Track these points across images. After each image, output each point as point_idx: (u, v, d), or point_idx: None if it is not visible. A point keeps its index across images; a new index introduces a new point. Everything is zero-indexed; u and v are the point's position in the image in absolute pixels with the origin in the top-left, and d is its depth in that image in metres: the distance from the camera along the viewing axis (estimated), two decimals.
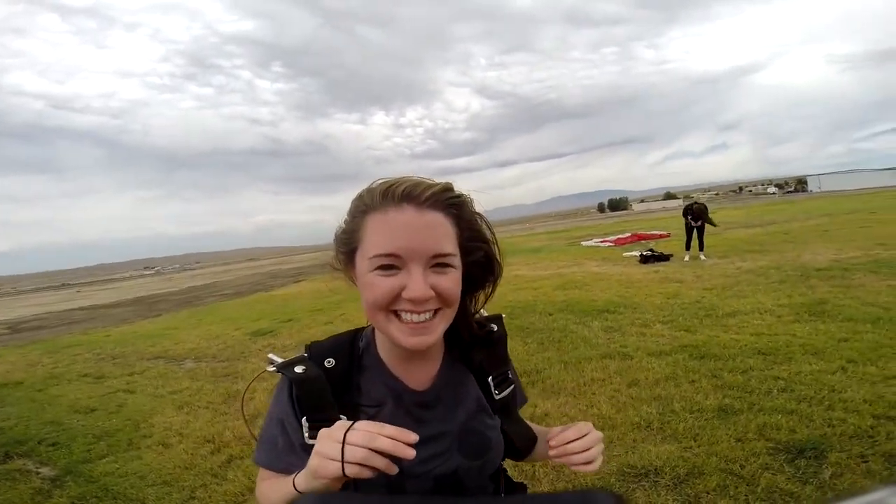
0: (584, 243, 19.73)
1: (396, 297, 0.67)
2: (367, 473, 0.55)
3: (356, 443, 0.55)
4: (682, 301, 6.78)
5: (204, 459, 3.62)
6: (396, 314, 0.69)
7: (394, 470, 0.56)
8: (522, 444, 0.88)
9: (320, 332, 7.85)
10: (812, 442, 2.72)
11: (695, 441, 2.94)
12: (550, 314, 6.80)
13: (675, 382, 3.88)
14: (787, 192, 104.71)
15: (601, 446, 0.77)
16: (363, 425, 0.57)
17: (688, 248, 11.28)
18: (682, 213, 11.72)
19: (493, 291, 0.83)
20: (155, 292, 28.53)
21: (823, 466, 2.52)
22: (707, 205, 11.35)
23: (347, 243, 0.74)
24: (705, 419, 3.19)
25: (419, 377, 0.80)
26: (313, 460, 0.58)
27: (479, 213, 0.77)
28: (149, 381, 6.26)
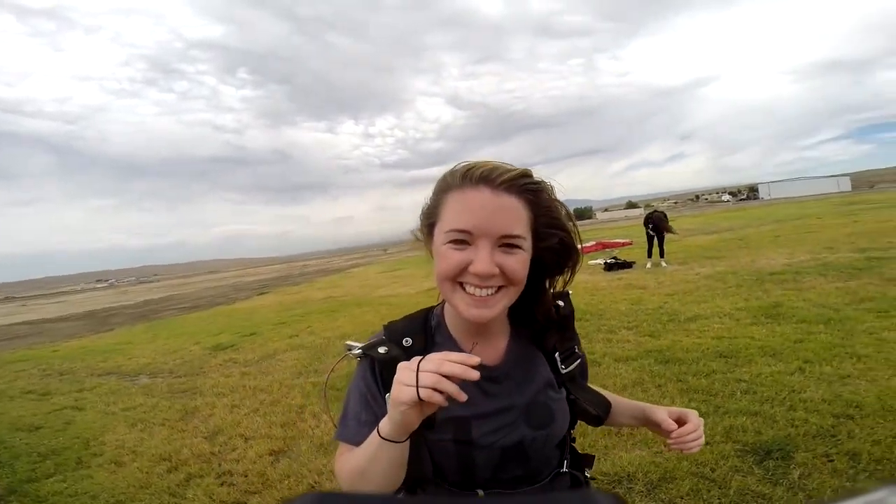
0: None
1: (463, 269, 0.73)
2: (438, 398, 0.60)
3: (427, 369, 0.61)
4: (645, 307, 6.91)
5: (160, 478, 3.46)
6: (462, 286, 0.75)
7: (462, 397, 0.61)
8: (597, 409, 0.93)
9: (285, 346, 7.63)
10: (778, 443, 2.77)
11: (665, 446, 2.95)
12: None
13: (643, 387, 3.92)
14: (741, 200, 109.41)
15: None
16: (433, 355, 0.63)
17: (649, 255, 11.57)
18: (643, 223, 12.06)
19: (571, 277, 0.87)
20: (108, 306, 27.33)
21: (791, 467, 2.56)
22: (666, 213, 11.69)
23: (429, 216, 0.81)
24: None
25: (488, 352, 0.84)
26: (394, 390, 0.63)
27: (559, 202, 0.80)
28: (99, 398, 5.94)
